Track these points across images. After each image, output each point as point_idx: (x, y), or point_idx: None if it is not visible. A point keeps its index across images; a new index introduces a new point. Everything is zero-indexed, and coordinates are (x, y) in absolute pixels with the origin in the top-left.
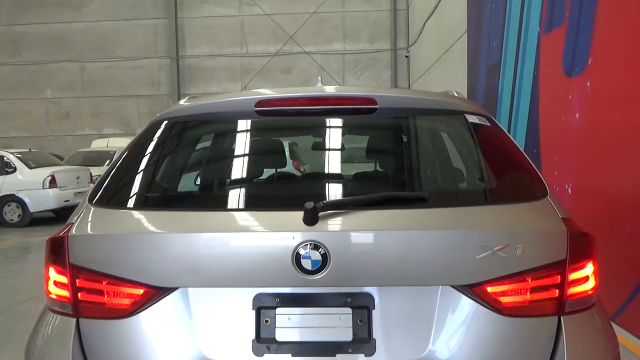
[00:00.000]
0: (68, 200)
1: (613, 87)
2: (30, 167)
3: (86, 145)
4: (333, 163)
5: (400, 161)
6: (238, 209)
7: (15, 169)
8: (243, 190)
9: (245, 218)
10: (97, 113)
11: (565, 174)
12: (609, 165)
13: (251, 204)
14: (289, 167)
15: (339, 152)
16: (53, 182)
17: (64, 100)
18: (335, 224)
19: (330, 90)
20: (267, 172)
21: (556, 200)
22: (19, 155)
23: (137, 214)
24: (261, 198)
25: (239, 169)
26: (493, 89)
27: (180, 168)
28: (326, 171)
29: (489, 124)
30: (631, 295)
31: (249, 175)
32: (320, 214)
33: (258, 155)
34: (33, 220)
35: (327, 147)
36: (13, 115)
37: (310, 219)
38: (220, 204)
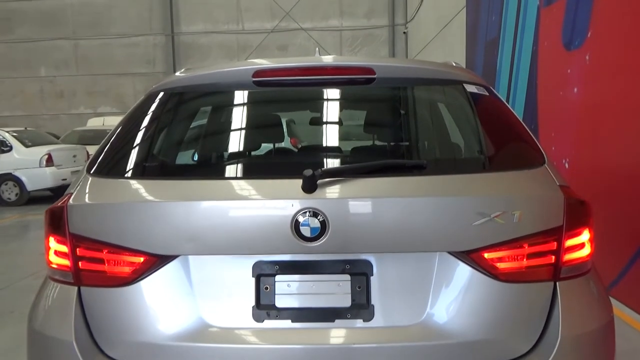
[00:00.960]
0: (65, 179)
1: (612, 60)
2: (27, 146)
3: (82, 124)
4: (331, 137)
5: (399, 133)
6: (237, 178)
7: (11, 148)
8: (242, 159)
9: (245, 186)
10: (92, 91)
11: (562, 149)
12: (607, 140)
13: (250, 173)
14: (287, 144)
15: (337, 125)
16: (50, 161)
17: (59, 79)
18: (333, 191)
19: (328, 60)
20: (266, 144)
21: (554, 168)
22: (14, 134)
23: (136, 183)
24: (260, 167)
25: (237, 139)
26: (492, 64)
27: (178, 138)
28: (324, 145)
29: (487, 94)
30: (625, 268)
31: (247, 145)
32: (319, 181)
33: (256, 125)
34: (31, 199)
35: (325, 120)
36: (7, 94)
37: (309, 187)
38: (219, 172)
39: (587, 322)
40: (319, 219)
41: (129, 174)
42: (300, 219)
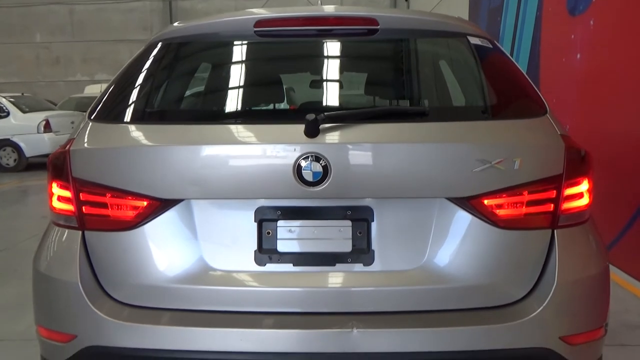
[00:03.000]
0: None
1: (617, 25)
2: (24, 112)
3: (79, 91)
4: (332, 95)
5: (402, 83)
6: (240, 123)
7: (8, 114)
8: (245, 105)
9: (248, 131)
10: (88, 58)
11: (563, 116)
12: (608, 106)
13: (253, 118)
14: (286, 106)
15: (337, 84)
16: (47, 127)
17: (54, 45)
18: (336, 136)
19: (330, 10)
20: (266, 95)
21: (555, 119)
22: (11, 100)
23: (138, 128)
24: (263, 112)
25: (239, 87)
26: (495, 32)
27: (179, 86)
28: (325, 103)
29: (490, 46)
30: (620, 234)
31: (250, 93)
32: (322, 126)
33: (258, 73)
34: (29, 166)
35: (325, 78)
36: (2, 60)
37: (312, 131)
38: (222, 118)
39: (582, 269)
40: (321, 164)
41: (130, 119)
42: (303, 163)
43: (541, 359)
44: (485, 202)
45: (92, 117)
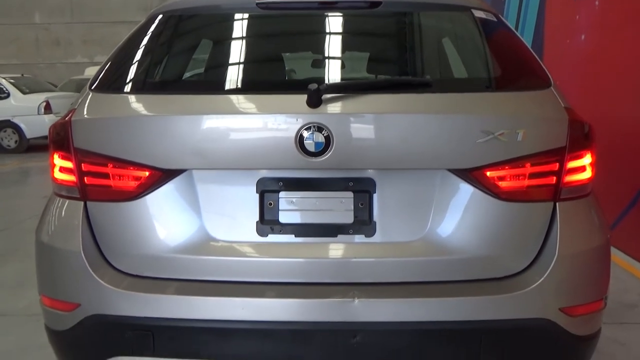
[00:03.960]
0: None
1: (622, 5)
2: (24, 93)
3: (79, 73)
4: (334, 67)
5: (405, 60)
6: (242, 92)
7: (8, 95)
8: (247, 75)
9: (250, 101)
10: (88, 40)
11: (567, 98)
12: (612, 89)
13: (255, 89)
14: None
15: (340, 57)
16: (48, 108)
17: (54, 26)
18: (338, 106)
19: None
20: (268, 66)
21: (559, 91)
22: (11, 81)
23: (139, 98)
24: (265, 82)
25: (241, 58)
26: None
27: (181, 57)
28: (326, 75)
29: (495, 20)
30: (620, 216)
31: (252, 63)
32: (324, 97)
33: (259, 46)
34: (30, 147)
35: (327, 52)
36: (1, 41)
37: (314, 102)
38: (224, 88)
39: (583, 242)
40: (323, 134)
41: (132, 90)
42: (305, 133)
43: (541, 330)
44: (488, 173)
45: (93, 88)
